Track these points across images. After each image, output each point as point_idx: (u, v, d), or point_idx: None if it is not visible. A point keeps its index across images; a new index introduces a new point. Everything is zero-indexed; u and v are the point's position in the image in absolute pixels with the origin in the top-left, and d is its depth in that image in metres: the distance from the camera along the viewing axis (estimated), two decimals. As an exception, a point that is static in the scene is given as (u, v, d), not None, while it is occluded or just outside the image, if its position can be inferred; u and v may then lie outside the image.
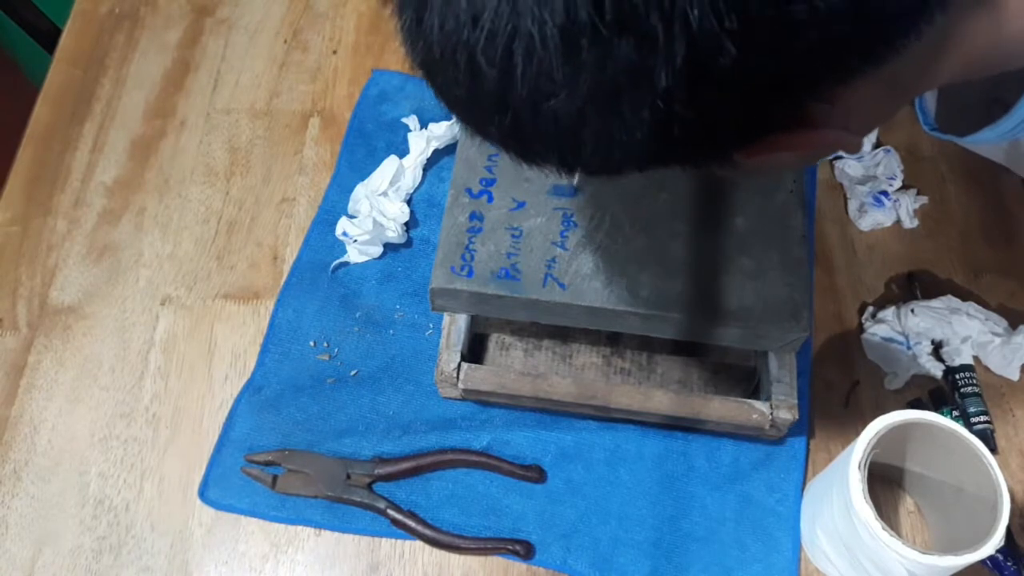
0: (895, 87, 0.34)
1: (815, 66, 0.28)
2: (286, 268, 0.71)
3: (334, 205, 0.74)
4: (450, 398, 0.65)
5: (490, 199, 0.60)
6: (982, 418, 0.62)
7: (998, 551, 0.49)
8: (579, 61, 0.26)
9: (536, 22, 0.25)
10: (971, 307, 0.66)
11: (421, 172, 0.75)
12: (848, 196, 0.75)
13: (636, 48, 0.25)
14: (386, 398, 0.65)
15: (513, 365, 0.65)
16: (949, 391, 0.65)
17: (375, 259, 0.71)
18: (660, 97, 0.27)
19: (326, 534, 0.61)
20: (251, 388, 0.66)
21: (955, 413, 0.63)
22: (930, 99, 0.53)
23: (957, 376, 0.64)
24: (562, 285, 0.56)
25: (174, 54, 0.84)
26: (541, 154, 0.33)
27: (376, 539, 0.60)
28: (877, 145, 0.76)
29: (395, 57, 0.84)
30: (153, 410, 0.65)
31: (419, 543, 0.60)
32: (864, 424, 0.52)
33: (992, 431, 0.63)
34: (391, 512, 0.60)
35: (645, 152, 0.31)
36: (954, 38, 0.33)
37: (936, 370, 0.65)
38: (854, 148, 0.35)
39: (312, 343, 0.68)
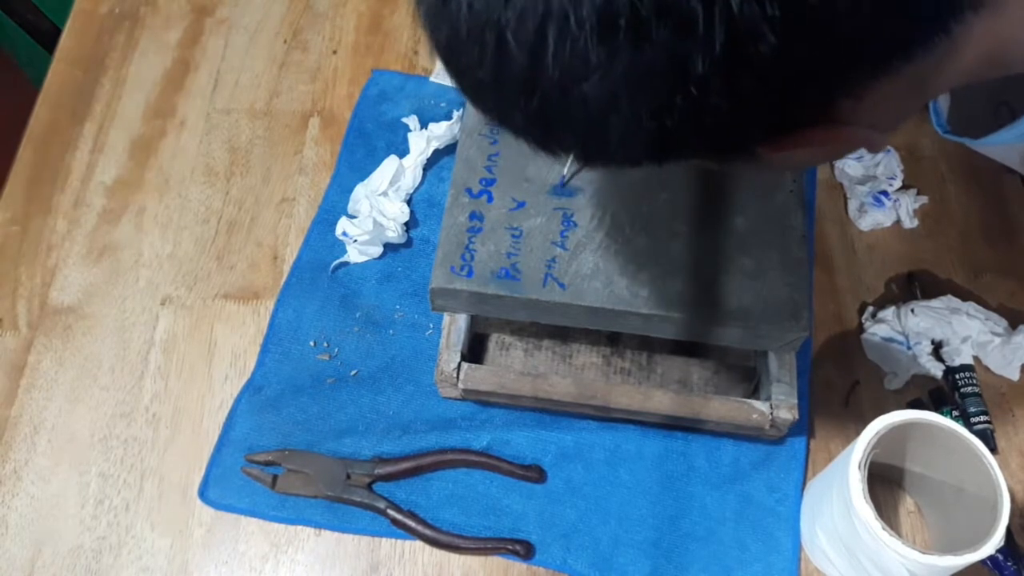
0: (917, 85, 0.33)
1: (851, 58, 0.28)
2: (286, 268, 0.71)
3: (334, 205, 0.74)
4: (450, 398, 0.65)
5: (490, 199, 0.60)
6: (982, 418, 0.62)
7: (998, 551, 0.49)
8: (615, 43, 0.26)
9: (572, 2, 0.25)
10: (971, 307, 0.66)
11: (421, 172, 0.75)
12: (848, 196, 0.75)
13: (674, 32, 0.25)
14: (386, 398, 0.65)
15: (513, 365, 0.65)
16: (949, 391, 0.65)
17: (375, 259, 0.71)
18: (695, 84, 0.26)
19: (326, 534, 0.61)
20: (251, 388, 0.66)
21: (955, 413, 0.63)
22: (943, 101, 0.53)
23: (957, 376, 0.64)
24: (562, 285, 0.56)
25: (174, 54, 0.84)
26: (564, 142, 0.32)
27: (376, 539, 0.60)
28: (877, 145, 0.76)
29: (395, 57, 0.84)
30: (153, 410, 0.65)
31: (419, 543, 0.60)
32: (864, 424, 0.52)
33: (992, 431, 0.63)
34: (391, 512, 0.60)
35: (672, 142, 0.30)
36: (975, 37, 0.33)
37: (936, 370, 0.65)
38: (878, 147, 0.35)
39: (312, 343, 0.68)
